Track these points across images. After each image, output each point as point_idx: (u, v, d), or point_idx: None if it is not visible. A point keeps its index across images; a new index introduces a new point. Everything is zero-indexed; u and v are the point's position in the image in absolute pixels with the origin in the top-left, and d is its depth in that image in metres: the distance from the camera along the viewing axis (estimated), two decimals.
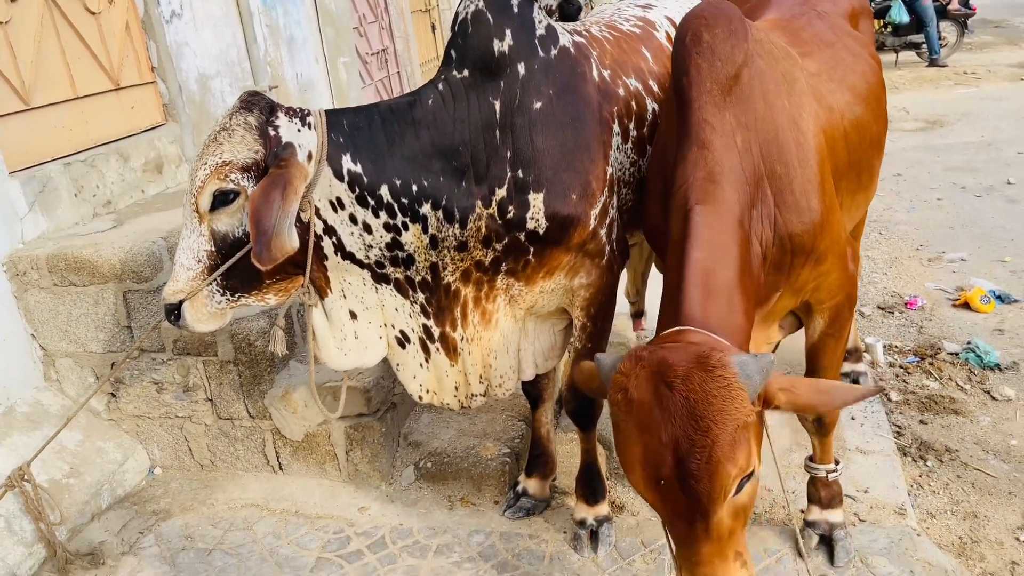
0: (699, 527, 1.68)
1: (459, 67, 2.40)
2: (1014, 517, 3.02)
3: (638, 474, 1.70)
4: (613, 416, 1.75)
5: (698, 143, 2.15)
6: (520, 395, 3.32)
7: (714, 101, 2.21)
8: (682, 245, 1.99)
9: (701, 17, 2.35)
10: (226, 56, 4.57)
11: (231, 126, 2.19)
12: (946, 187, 6.76)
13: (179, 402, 3.24)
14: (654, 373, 1.68)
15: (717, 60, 2.25)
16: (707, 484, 1.63)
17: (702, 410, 1.63)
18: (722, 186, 2.11)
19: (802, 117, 2.47)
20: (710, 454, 1.63)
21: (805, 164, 2.38)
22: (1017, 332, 4.35)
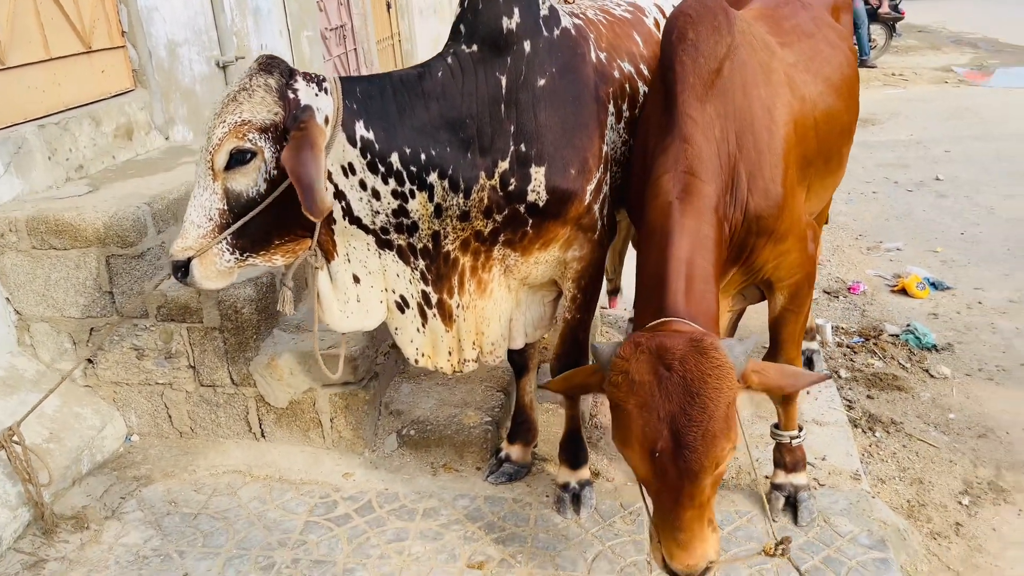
0: (685, 495, 1.85)
1: (468, 42, 2.47)
2: (955, 483, 3.29)
3: (635, 448, 1.86)
4: (612, 397, 1.90)
5: (680, 136, 2.30)
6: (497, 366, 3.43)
7: (696, 95, 2.36)
8: (664, 237, 2.15)
9: (687, 15, 2.49)
10: (194, 24, 4.51)
11: (251, 86, 2.21)
12: (880, 181, 7.13)
13: (160, 368, 3.23)
14: (653, 356, 1.85)
15: (700, 57, 2.39)
16: (702, 456, 1.81)
17: (699, 388, 1.82)
18: (702, 179, 2.27)
19: (776, 106, 2.63)
20: (707, 428, 1.81)
21: (774, 151, 2.54)
22: (950, 316, 4.68)
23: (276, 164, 2.26)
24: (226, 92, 2.25)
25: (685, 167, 2.27)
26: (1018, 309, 4.70)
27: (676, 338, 1.88)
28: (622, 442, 1.90)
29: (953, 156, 7.68)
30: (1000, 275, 5.14)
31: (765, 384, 2.00)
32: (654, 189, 2.27)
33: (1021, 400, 3.81)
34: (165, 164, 3.77)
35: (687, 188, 2.24)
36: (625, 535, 2.80)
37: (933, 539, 2.99)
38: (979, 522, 3.06)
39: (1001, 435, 3.56)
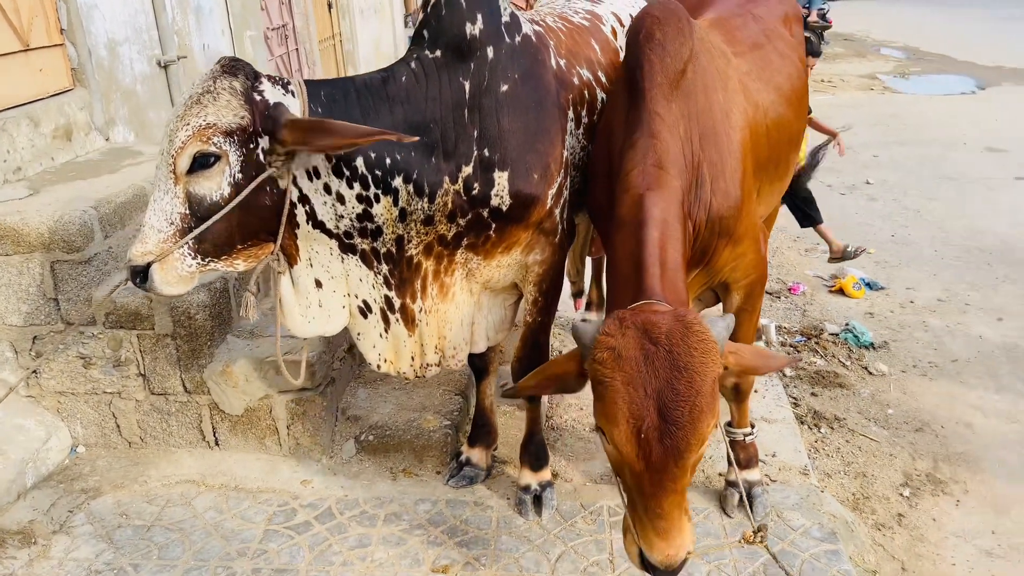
0: (668, 477, 1.83)
1: (431, 47, 2.48)
2: (896, 475, 3.43)
3: (622, 426, 1.82)
4: (597, 374, 1.86)
5: (649, 132, 2.36)
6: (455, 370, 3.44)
7: (663, 94, 2.42)
8: (637, 227, 2.19)
9: (653, 16, 2.56)
10: (135, 22, 4.38)
11: (216, 89, 2.17)
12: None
13: (108, 377, 3.14)
14: (639, 331, 1.84)
15: (667, 56, 2.46)
16: (689, 432, 1.80)
17: (686, 362, 1.81)
18: (669, 172, 2.33)
19: (733, 112, 2.72)
20: (694, 403, 1.80)
21: (733, 154, 2.63)
22: (885, 315, 4.87)
23: (241, 168, 2.22)
24: (188, 94, 2.20)
25: (654, 161, 2.33)
26: (947, 308, 4.92)
27: (661, 314, 1.89)
28: (608, 420, 1.85)
29: (881, 161, 7.98)
30: (929, 275, 5.38)
31: (740, 364, 2.01)
32: (624, 183, 2.31)
33: (953, 395, 3.99)
34: (108, 166, 3.66)
35: (657, 181, 2.30)
36: (587, 535, 2.84)
37: (878, 530, 3.11)
38: (920, 513, 3.20)
39: (936, 429, 3.73)
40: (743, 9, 3.21)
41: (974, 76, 11.92)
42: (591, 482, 3.15)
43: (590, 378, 1.92)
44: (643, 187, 2.29)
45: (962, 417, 3.80)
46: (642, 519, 1.91)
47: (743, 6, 3.23)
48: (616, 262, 2.30)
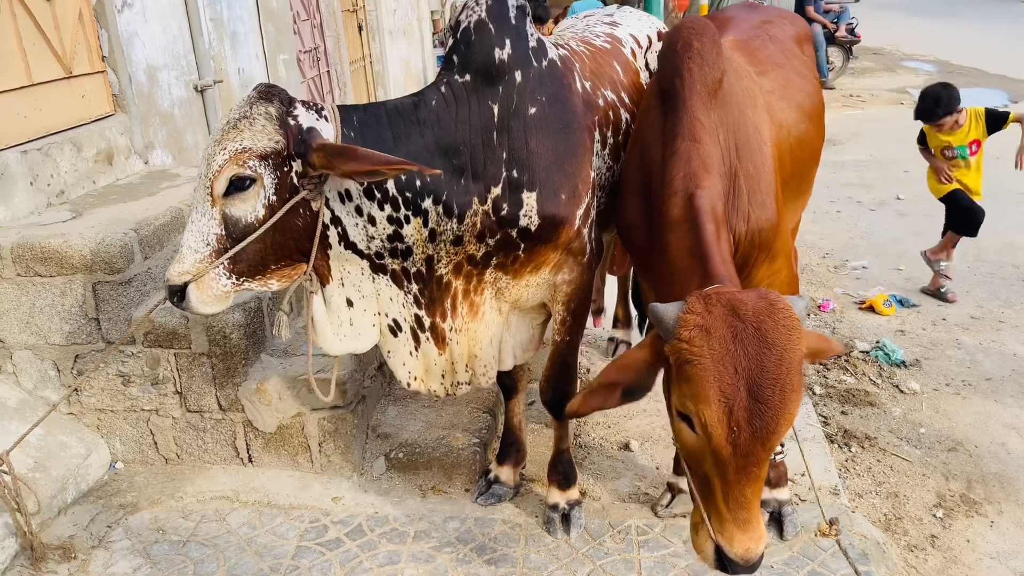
0: (753, 463, 1.77)
1: (461, 72, 2.53)
2: (929, 496, 3.40)
3: (713, 407, 1.75)
4: (683, 355, 1.80)
5: (691, 137, 2.39)
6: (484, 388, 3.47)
7: (703, 101, 2.45)
8: (693, 223, 2.22)
9: (689, 28, 2.61)
10: (173, 48, 4.51)
11: (252, 114, 2.25)
12: (844, 201, 7.33)
13: (146, 395, 3.22)
14: (726, 308, 1.79)
15: (706, 65, 2.50)
16: (779, 412, 1.74)
17: (774, 338, 1.76)
18: (713, 175, 2.37)
19: (762, 128, 2.75)
20: (784, 382, 1.75)
21: (767, 168, 2.66)
22: (916, 333, 4.83)
23: (275, 191, 2.29)
24: (226, 119, 2.28)
25: (698, 163, 2.37)
26: (980, 325, 4.87)
27: (744, 292, 1.85)
28: (699, 400, 1.76)
29: (912, 176, 7.88)
30: (962, 292, 5.31)
31: (809, 345, 1.93)
32: (671, 188, 2.35)
33: (986, 414, 3.94)
34: (147, 189, 3.77)
35: (704, 180, 2.33)
36: (615, 553, 2.85)
37: (910, 551, 3.08)
38: (953, 534, 3.17)
39: (970, 448, 3.68)
40: (760, 31, 3.25)
41: (1006, 89, 11.76)
42: (619, 501, 3.16)
43: (673, 360, 1.83)
44: (692, 186, 2.33)
45: (996, 437, 3.76)
46: (721, 511, 1.83)
47: (759, 27, 3.28)
48: (672, 260, 2.30)
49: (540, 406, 3.11)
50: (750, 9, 3.70)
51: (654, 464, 3.40)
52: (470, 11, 2.54)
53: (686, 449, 1.91)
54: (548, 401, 2.96)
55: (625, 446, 3.53)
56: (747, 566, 1.83)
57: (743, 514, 1.80)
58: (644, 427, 3.67)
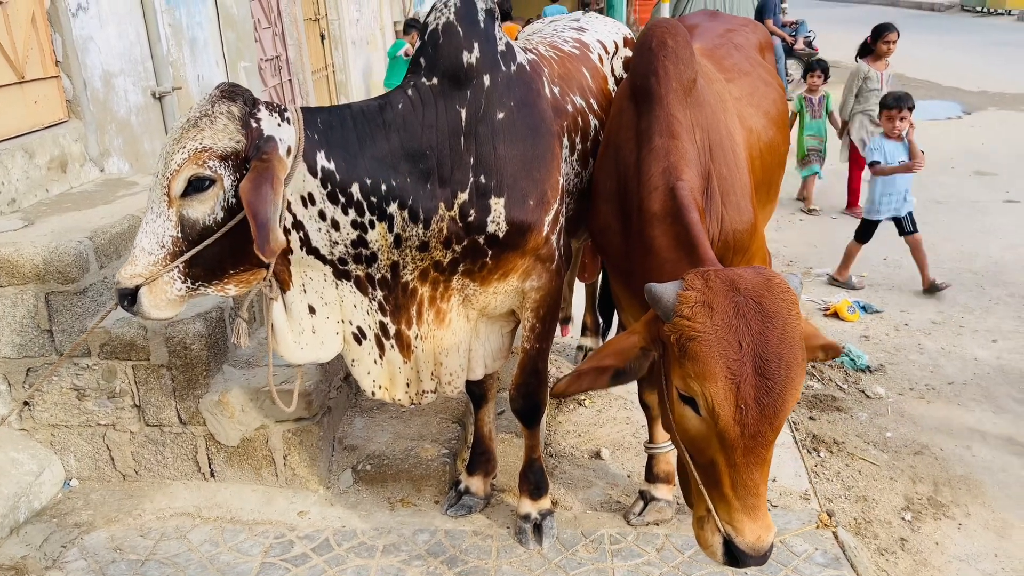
0: (761, 444, 1.71)
1: (428, 75, 2.49)
2: (897, 499, 3.41)
3: (720, 384, 1.69)
4: (685, 333, 1.74)
5: (668, 134, 2.38)
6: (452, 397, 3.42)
7: (679, 99, 2.45)
8: (676, 214, 2.22)
9: (663, 28, 2.61)
10: (130, 54, 4.40)
11: (213, 113, 2.17)
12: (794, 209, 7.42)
13: (102, 409, 3.10)
14: (726, 284, 1.75)
15: (681, 63, 2.49)
16: (786, 388, 1.69)
17: (774, 311, 1.71)
18: (692, 170, 2.36)
19: (735, 132, 2.75)
20: (789, 356, 1.69)
21: (742, 170, 2.66)
22: (880, 339, 4.88)
23: (235, 192, 2.21)
24: (186, 117, 2.20)
25: (677, 158, 2.36)
26: (941, 330, 4.93)
27: (742, 269, 1.81)
28: (706, 378, 1.70)
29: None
30: (923, 298, 5.39)
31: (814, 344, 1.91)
32: (651, 183, 2.34)
33: (950, 417, 3.99)
34: (103, 197, 3.66)
35: (684, 174, 2.33)
36: (588, 563, 2.81)
37: (881, 555, 3.08)
38: (922, 537, 3.18)
39: (936, 451, 3.72)
40: (725, 39, 3.27)
41: (960, 101, 12.03)
42: (591, 510, 3.13)
43: (675, 339, 1.76)
44: (673, 180, 2.32)
45: (961, 439, 3.80)
46: (728, 498, 1.76)
47: (724, 36, 3.30)
48: (657, 254, 2.28)
49: (511, 415, 3.07)
50: (713, 17, 3.73)
51: (625, 472, 3.37)
52: (438, 13, 2.50)
53: (689, 435, 1.83)
54: (518, 409, 2.91)
55: (596, 454, 3.50)
56: (758, 557, 1.76)
57: (752, 500, 1.73)
58: (615, 435, 3.64)
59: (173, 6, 4.84)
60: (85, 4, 4.02)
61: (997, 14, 24.84)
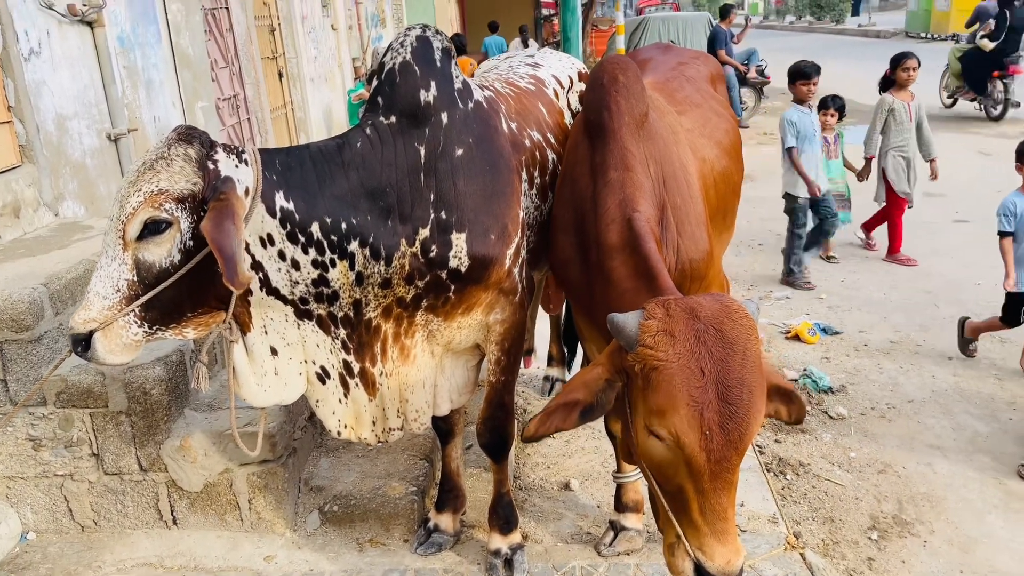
0: (727, 469, 1.73)
1: (387, 113, 2.51)
2: (863, 519, 3.45)
3: (683, 412, 1.71)
4: (649, 362, 1.76)
5: (623, 167, 2.43)
6: (418, 434, 3.39)
7: (632, 133, 2.49)
8: (633, 245, 2.25)
9: (614, 63, 2.67)
10: (84, 97, 4.37)
11: (170, 156, 2.16)
12: (764, 234, 7.54)
13: (59, 459, 3.03)
14: (686, 312, 1.76)
15: (632, 98, 2.54)
16: (749, 413, 1.71)
17: (734, 337, 1.73)
18: (648, 200, 2.40)
19: (688, 163, 2.81)
20: (751, 382, 1.72)
21: (696, 200, 2.70)
22: (840, 359, 4.96)
23: (192, 235, 2.20)
24: (142, 160, 2.19)
25: (632, 191, 2.40)
26: (899, 349, 5.03)
27: (700, 297, 1.83)
28: (670, 407, 1.72)
29: None
30: (880, 318, 5.50)
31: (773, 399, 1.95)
32: (607, 216, 2.37)
33: (911, 435, 4.06)
34: (58, 242, 3.60)
35: (640, 206, 2.37)
36: None
37: (850, 575, 3.11)
38: (889, 556, 3.22)
39: (899, 470, 3.77)
40: (676, 72, 3.35)
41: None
42: (562, 542, 3.11)
43: (639, 369, 1.77)
44: (629, 211, 2.36)
45: (922, 457, 3.86)
46: (697, 524, 1.78)
47: (675, 69, 3.37)
48: (616, 285, 2.30)
49: (478, 450, 3.06)
50: (665, 51, 3.81)
51: (595, 502, 3.37)
52: (395, 53, 2.53)
53: (656, 463, 1.84)
54: (486, 444, 2.90)
55: (565, 486, 3.49)
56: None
57: (720, 525, 1.76)
58: (584, 466, 3.64)
59: (128, 48, 4.82)
60: (38, 48, 3.99)
61: (941, 39, 25.68)
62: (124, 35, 4.81)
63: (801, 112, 6.12)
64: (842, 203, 6.46)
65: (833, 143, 6.56)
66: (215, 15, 6.41)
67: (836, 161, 6.54)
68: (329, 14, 9.83)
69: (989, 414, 4.19)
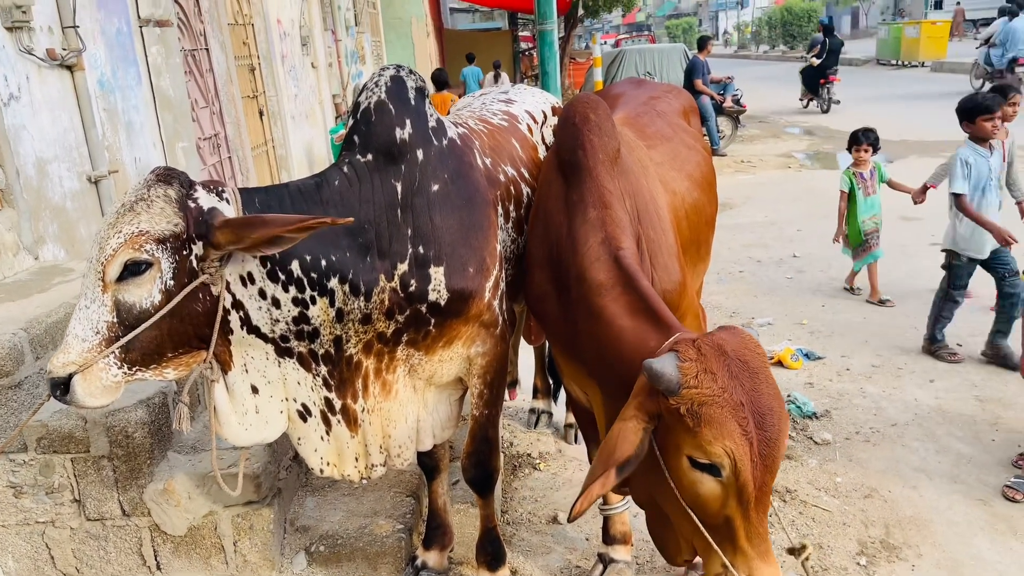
0: (766, 493, 1.87)
1: (363, 151, 2.54)
2: (851, 544, 3.45)
3: (740, 443, 1.79)
4: (697, 400, 1.82)
5: (601, 204, 2.47)
6: (405, 471, 3.38)
7: (607, 170, 2.54)
8: (626, 283, 2.29)
9: (584, 103, 2.72)
10: (64, 140, 4.37)
11: (150, 197, 2.17)
12: (745, 261, 7.61)
13: (40, 506, 2.99)
14: (715, 350, 1.86)
15: (605, 136, 2.59)
16: (783, 437, 1.85)
17: (758, 367, 1.87)
18: (629, 237, 2.44)
19: (658, 196, 2.85)
20: (781, 408, 1.86)
21: (668, 233, 2.74)
22: (824, 385, 4.99)
23: (173, 275, 2.20)
24: (121, 202, 2.19)
25: (613, 229, 2.45)
26: (881, 373, 5.07)
27: (718, 333, 1.93)
28: (727, 439, 1.79)
29: (805, 234, 8.30)
30: (861, 342, 5.55)
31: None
32: (590, 254, 2.40)
33: (896, 459, 4.08)
34: (38, 285, 3.58)
35: (623, 243, 2.42)
36: None
37: None
38: None
39: (884, 494, 3.78)
40: (647, 106, 3.41)
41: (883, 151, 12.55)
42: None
43: (685, 410, 1.83)
44: (614, 249, 2.40)
45: (908, 480, 3.88)
46: (744, 550, 1.86)
47: (646, 103, 3.43)
48: (611, 323, 2.30)
49: (465, 485, 3.04)
50: (637, 85, 3.88)
51: (583, 535, 3.36)
52: (370, 92, 2.56)
53: (702, 497, 1.89)
54: (471, 479, 2.89)
55: (553, 519, 3.48)
56: None
57: (764, 546, 1.86)
58: (571, 498, 3.62)
59: (108, 91, 4.84)
60: (17, 93, 4.00)
61: (911, 66, 26.20)
62: (104, 78, 4.84)
63: (979, 153, 4.92)
64: (876, 240, 6.30)
65: (870, 178, 6.24)
66: (195, 56, 6.46)
67: (875, 197, 6.28)
68: (309, 52, 9.92)
69: (972, 436, 4.23)
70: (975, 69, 16.93)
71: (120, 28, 5.09)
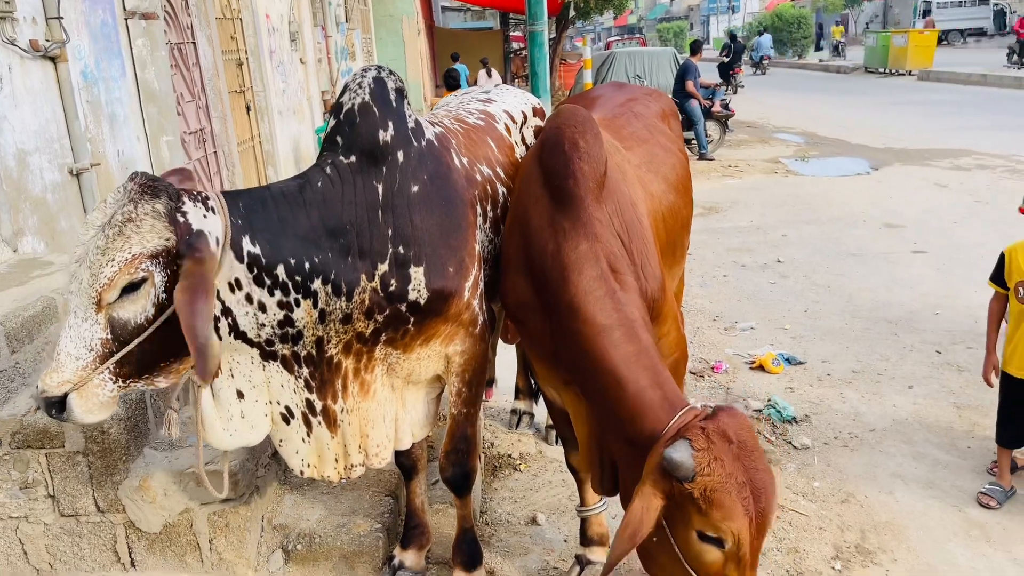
0: (759, 552, 2.09)
1: (346, 153, 2.53)
2: (827, 549, 3.47)
3: (742, 522, 2.02)
4: (708, 485, 2.02)
5: (593, 236, 2.47)
6: (384, 470, 3.37)
7: (596, 197, 2.54)
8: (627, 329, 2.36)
9: (571, 125, 2.66)
10: (46, 132, 4.34)
11: (138, 216, 2.13)
12: (729, 265, 7.64)
13: (14, 501, 2.96)
14: (721, 437, 2.06)
15: (593, 162, 2.58)
16: (772, 509, 2.09)
17: (753, 447, 2.09)
18: (626, 273, 2.49)
19: (638, 201, 2.85)
20: (771, 483, 2.09)
21: (649, 239, 2.74)
22: (804, 389, 5.01)
23: (165, 288, 2.19)
24: (108, 221, 2.14)
25: (608, 263, 2.47)
26: (861, 379, 5.10)
27: (720, 416, 2.12)
28: (732, 519, 2.00)
29: (790, 239, 8.35)
30: (842, 348, 5.58)
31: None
32: (585, 286, 2.41)
33: (873, 464, 4.10)
34: (16, 278, 3.55)
35: (623, 280, 2.46)
36: None
37: None
38: None
39: (861, 499, 3.81)
40: (625, 108, 3.41)
41: (868, 158, 12.67)
42: None
43: (699, 493, 2.02)
44: (613, 287, 2.44)
45: (884, 486, 3.90)
46: None
47: (624, 105, 3.43)
48: (613, 368, 2.33)
49: (444, 485, 3.04)
50: (617, 88, 3.87)
51: (562, 536, 3.36)
52: (352, 94, 2.55)
53: (708, 563, 2.09)
54: (449, 478, 2.89)
55: (532, 520, 3.49)
56: None
57: None
58: (551, 499, 3.63)
59: (91, 83, 4.81)
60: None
61: (899, 75, 26.40)
62: (88, 70, 4.80)
63: None
64: None
65: None
66: (181, 49, 6.42)
67: None
68: (297, 48, 9.88)
69: (949, 443, 4.26)
70: None
71: (105, 20, 5.06)
